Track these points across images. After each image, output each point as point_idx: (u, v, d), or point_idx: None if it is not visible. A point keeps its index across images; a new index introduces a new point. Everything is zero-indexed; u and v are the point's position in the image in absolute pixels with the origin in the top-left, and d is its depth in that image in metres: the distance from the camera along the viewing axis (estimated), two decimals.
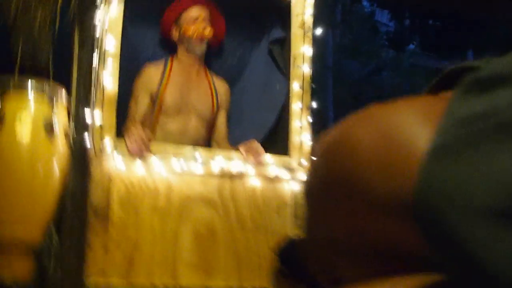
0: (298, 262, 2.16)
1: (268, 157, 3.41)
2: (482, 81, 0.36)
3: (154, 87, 3.57)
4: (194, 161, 3.25)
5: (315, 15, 3.67)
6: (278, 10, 3.72)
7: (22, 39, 3.41)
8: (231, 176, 3.32)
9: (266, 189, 3.38)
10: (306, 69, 3.59)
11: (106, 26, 3.22)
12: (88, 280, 2.99)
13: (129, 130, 3.23)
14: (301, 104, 3.54)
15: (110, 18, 3.24)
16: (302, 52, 3.60)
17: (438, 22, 8.59)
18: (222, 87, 3.76)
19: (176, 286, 3.15)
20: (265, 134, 3.66)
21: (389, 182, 0.38)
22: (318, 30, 3.69)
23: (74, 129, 3.14)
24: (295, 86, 3.57)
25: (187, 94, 3.63)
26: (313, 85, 3.60)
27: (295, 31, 3.63)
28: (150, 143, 3.21)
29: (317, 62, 3.80)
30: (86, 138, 3.09)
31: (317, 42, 3.73)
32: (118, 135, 3.20)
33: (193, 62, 3.67)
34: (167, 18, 3.73)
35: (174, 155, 3.23)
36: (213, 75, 3.77)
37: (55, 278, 3.05)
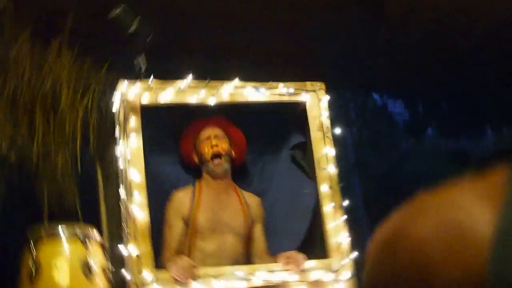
0: None
1: (309, 262, 3.37)
2: None
3: (186, 211, 3.57)
4: (236, 279, 3.22)
5: (331, 116, 3.71)
6: (295, 116, 3.76)
7: (47, 185, 3.45)
8: (275, 286, 3.28)
9: None
10: (331, 169, 3.59)
11: (128, 157, 3.27)
12: None
13: (172, 260, 3.23)
14: (333, 204, 3.52)
15: (131, 150, 3.29)
16: (325, 153, 3.61)
17: (452, 103, 8.67)
18: (253, 201, 3.77)
19: None
20: (301, 241, 3.64)
21: (461, 269, 0.37)
22: (337, 130, 3.71)
23: (111, 264, 3.13)
24: (324, 188, 3.56)
25: (219, 214, 3.63)
26: (341, 184, 3.60)
27: (315, 134, 3.66)
28: (196, 269, 3.20)
29: (341, 161, 3.80)
30: (125, 272, 3.08)
31: (337, 142, 3.75)
32: (156, 266, 3.18)
33: (220, 181, 3.69)
34: (185, 146, 3.78)
35: (215, 277, 3.20)
36: (242, 191, 3.78)
37: None
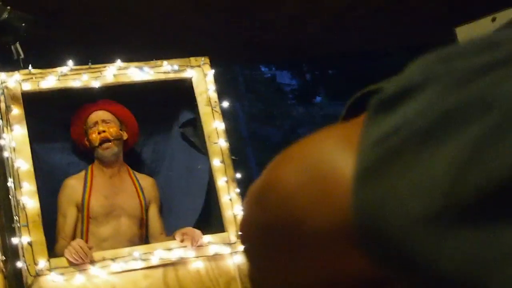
0: None
1: (206, 237, 3.38)
2: (386, 101, 0.37)
3: (79, 198, 3.52)
4: (134, 260, 3.20)
5: (220, 91, 3.71)
6: (182, 93, 3.73)
7: None
8: (174, 263, 3.28)
9: (211, 268, 3.34)
10: (222, 143, 3.60)
11: (14, 146, 3.18)
12: None
13: (68, 245, 3.18)
14: (226, 178, 3.54)
15: (16, 139, 3.20)
16: (215, 127, 3.62)
17: (337, 71, 8.86)
18: (147, 183, 3.74)
19: None
20: (198, 217, 3.64)
21: (326, 214, 0.38)
22: (225, 104, 3.71)
23: (5, 256, 3.04)
24: (216, 162, 3.57)
25: (113, 198, 3.59)
26: (233, 157, 3.61)
27: (203, 109, 3.65)
28: (91, 250, 3.16)
29: (233, 134, 3.82)
30: (20, 264, 3.02)
31: (228, 116, 3.76)
32: (51, 254, 3.14)
33: (111, 165, 3.63)
34: (75, 132, 3.71)
35: (112, 260, 3.17)
36: (136, 173, 3.74)
37: None
